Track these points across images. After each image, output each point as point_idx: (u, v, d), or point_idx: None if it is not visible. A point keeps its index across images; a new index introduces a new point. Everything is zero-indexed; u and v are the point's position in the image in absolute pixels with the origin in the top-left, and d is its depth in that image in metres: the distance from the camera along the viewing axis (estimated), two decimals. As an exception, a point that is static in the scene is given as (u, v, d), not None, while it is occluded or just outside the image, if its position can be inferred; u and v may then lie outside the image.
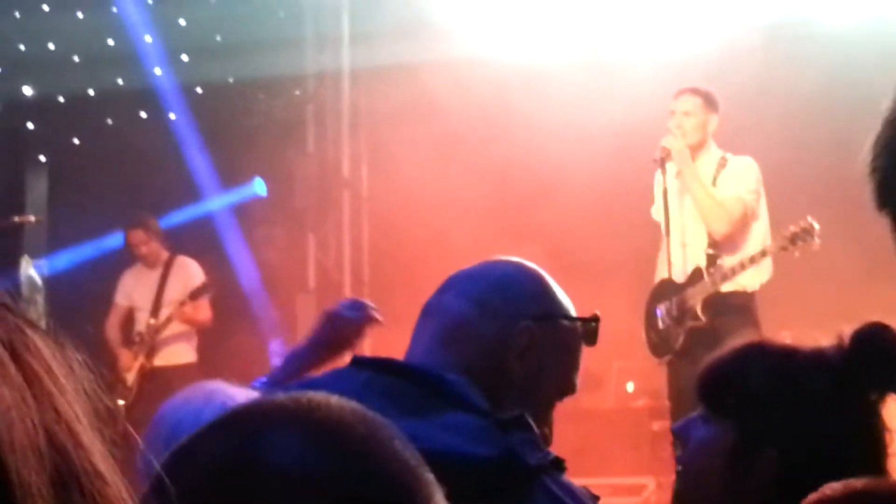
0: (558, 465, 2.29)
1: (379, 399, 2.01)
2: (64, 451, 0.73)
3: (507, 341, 2.44)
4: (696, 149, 7.61)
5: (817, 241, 7.23)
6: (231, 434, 1.09)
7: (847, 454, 2.15)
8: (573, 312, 2.56)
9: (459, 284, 2.53)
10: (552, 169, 9.45)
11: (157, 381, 9.41)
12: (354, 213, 11.48)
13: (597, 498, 2.37)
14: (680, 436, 2.45)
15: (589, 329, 2.57)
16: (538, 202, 8.89)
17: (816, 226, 7.24)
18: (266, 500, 1.04)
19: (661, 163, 7.56)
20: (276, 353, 10.41)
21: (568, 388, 2.55)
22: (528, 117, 9.71)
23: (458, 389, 2.28)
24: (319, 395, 1.12)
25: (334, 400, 1.12)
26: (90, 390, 0.80)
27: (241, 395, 2.76)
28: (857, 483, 1.77)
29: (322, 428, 1.08)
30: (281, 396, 1.14)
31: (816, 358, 2.28)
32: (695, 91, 7.63)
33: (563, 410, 2.56)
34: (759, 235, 7.61)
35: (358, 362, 2.40)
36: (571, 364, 2.55)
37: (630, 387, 9.94)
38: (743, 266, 7.42)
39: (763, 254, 7.39)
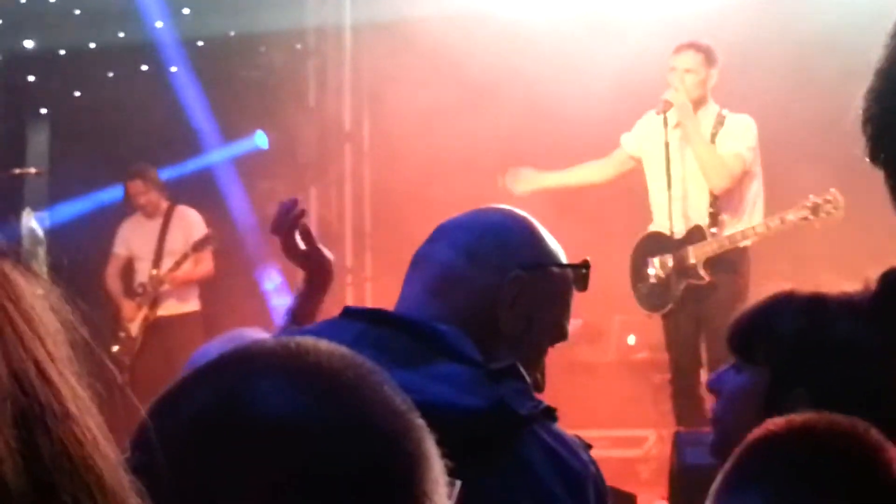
0: (549, 414, 2.29)
1: (370, 350, 2.03)
2: (30, 390, 0.72)
3: (497, 291, 2.42)
4: (696, 104, 7.60)
5: (841, 213, 7.21)
6: (218, 380, 1.08)
7: (875, 393, 2.16)
8: (564, 259, 2.54)
9: (449, 234, 2.51)
10: (554, 124, 9.43)
11: (162, 331, 9.44)
12: (356, 167, 11.48)
13: (588, 446, 2.38)
14: (714, 388, 2.49)
15: (579, 275, 2.55)
16: (540, 156, 8.87)
17: (840, 198, 7.22)
18: (253, 448, 1.02)
19: (664, 116, 7.56)
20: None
21: (559, 335, 2.54)
22: (529, 72, 9.68)
23: (450, 340, 2.27)
24: (308, 341, 1.11)
25: (323, 345, 1.10)
26: (78, 337, 0.79)
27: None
28: (798, 418, 1.80)
29: (311, 373, 1.07)
30: (269, 342, 1.13)
31: (844, 302, 2.30)
32: (695, 47, 7.60)
33: (564, 363, 2.56)
34: (753, 194, 7.61)
35: (350, 313, 2.39)
36: (562, 312, 2.53)
37: (631, 340, 9.96)
38: (755, 231, 7.41)
39: (782, 221, 7.36)
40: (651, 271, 7.67)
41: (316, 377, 1.07)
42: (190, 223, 9.73)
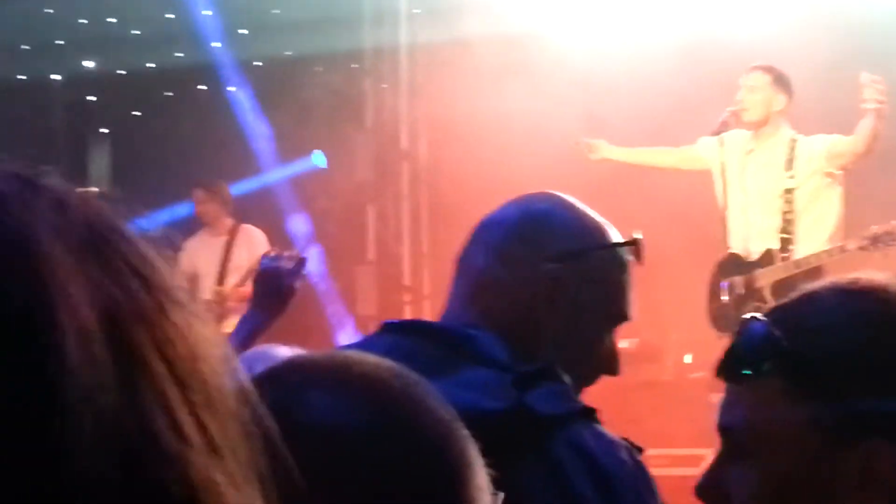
0: (588, 413, 2.21)
1: (401, 362, 2.02)
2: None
3: (531, 290, 2.31)
4: (757, 125, 7.57)
5: None
6: (270, 391, 1.08)
7: None
8: (609, 238, 2.40)
9: (481, 234, 2.41)
10: (609, 142, 9.44)
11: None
12: (413, 186, 11.52)
13: (639, 449, 2.26)
14: None
15: (634, 251, 2.41)
16: (595, 174, 8.87)
17: None
18: (305, 455, 1.03)
19: (718, 134, 7.55)
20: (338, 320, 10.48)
21: (619, 315, 2.40)
22: (584, 92, 9.69)
23: (480, 345, 2.20)
24: (355, 353, 1.16)
25: (370, 358, 1.14)
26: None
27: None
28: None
29: (358, 385, 1.11)
30: (318, 354, 1.16)
31: None
32: (765, 68, 7.59)
33: (621, 382, 2.50)
34: (829, 217, 7.57)
35: (386, 327, 2.33)
36: (615, 292, 2.39)
37: (688, 358, 9.93)
38: (819, 258, 7.38)
39: (842, 250, 7.33)
40: (724, 293, 7.68)
41: (363, 388, 1.10)
42: (255, 242, 9.77)
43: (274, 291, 4.17)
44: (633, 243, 2.40)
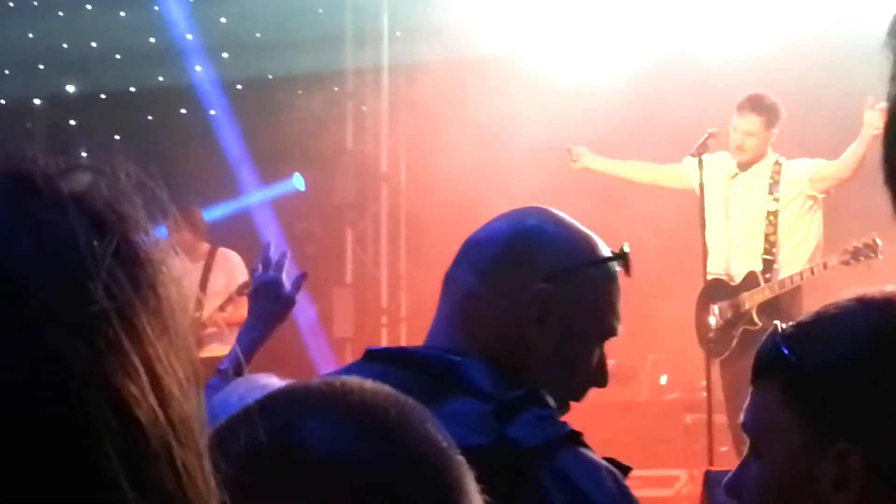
0: (575, 438, 2.17)
1: None
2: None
3: (520, 311, 2.25)
4: (751, 162, 7.67)
5: (880, 256, 7.25)
6: (267, 419, 1.10)
7: None
8: (599, 253, 2.35)
9: (468, 253, 2.36)
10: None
11: (207, 373, 9.44)
12: (392, 208, 11.55)
13: (627, 470, 2.25)
14: None
15: (623, 264, 2.36)
16: (575, 197, 8.93)
17: (880, 242, 7.23)
18: (302, 484, 1.07)
19: (698, 156, 7.58)
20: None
21: (608, 331, 2.35)
22: (563, 116, 9.74)
23: (464, 373, 2.17)
24: (353, 380, 1.15)
25: (367, 384, 1.15)
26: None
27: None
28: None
29: (355, 412, 1.11)
30: (315, 381, 1.18)
31: None
32: (758, 110, 7.59)
33: (597, 403, 2.47)
34: (810, 238, 7.67)
35: (371, 355, 2.31)
36: (603, 308, 2.34)
37: (664, 379, 9.99)
38: (802, 277, 7.46)
39: (824, 266, 7.41)
40: (712, 318, 7.73)
41: (362, 415, 1.11)
42: (232, 266, 9.70)
43: (273, 302, 4.16)
44: (623, 256, 2.36)
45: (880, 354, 1.70)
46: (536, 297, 2.26)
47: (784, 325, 1.80)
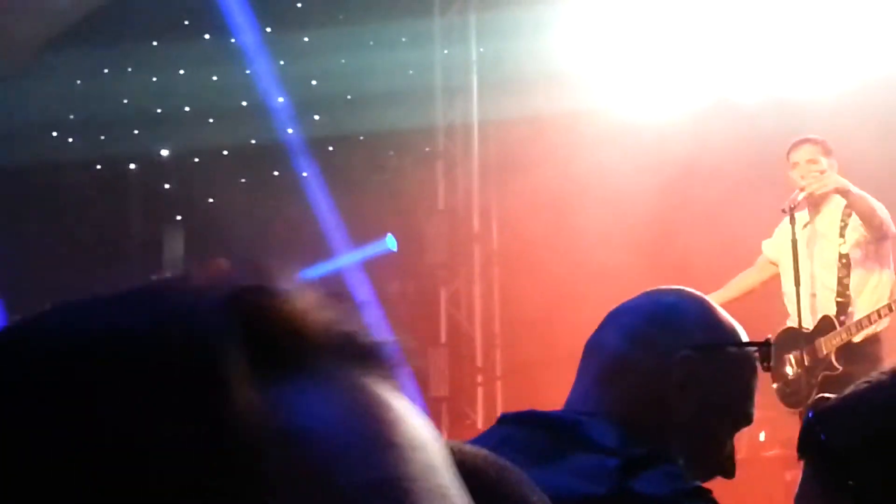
0: (701, 493, 2.18)
1: (514, 452, 2.01)
2: None
3: (665, 374, 2.30)
4: (822, 197, 7.56)
5: None
6: None
7: None
8: (742, 338, 2.40)
9: (615, 319, 2.40)
10: (680, 218, 9.42)
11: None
12: (485, 267, 11.53)
13: None
14: None
15: (763, 353, 2.41)
16: (669, 252, 8.86)
17: None
18: None
19: (791, 213, 7.51)
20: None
21: (742, 418, 2.41)
22: (655, 168, 9.70)
23: (588, 432, 2.19)
24: (454, 443, 1.16)
25: (467, 447, 1.15)
26: None
27: None
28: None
29: (456, 473, 1.13)
30: None
31: None
32: (811, 140, 7.58)
33: None
34: (882, 278, 7.55)
35: (503, 419, 2.32)
36: (742, 393, 2.39)
37: (762, 436, 9.86)
38: (880, 315, 7.37)
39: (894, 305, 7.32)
40: (788, 368, 7.63)
41: (461, 476, 1.13)
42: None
43: None
44: (766, 345, 2.41)
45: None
46: (683, 362, 2.30)
47: (825, 397, 1.80)
